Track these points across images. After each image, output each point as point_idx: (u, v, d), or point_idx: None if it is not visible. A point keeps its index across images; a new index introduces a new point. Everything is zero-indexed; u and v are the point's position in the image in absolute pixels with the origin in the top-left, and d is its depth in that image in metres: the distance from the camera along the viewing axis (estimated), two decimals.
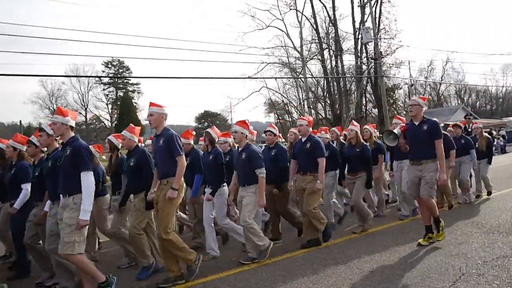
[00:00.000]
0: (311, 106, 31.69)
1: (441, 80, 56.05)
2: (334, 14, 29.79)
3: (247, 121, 5.65)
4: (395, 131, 5.66)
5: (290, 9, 30.64)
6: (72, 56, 64.19)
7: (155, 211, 4.88)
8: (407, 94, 39.10)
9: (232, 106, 49.67)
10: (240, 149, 5.59)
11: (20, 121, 32.40)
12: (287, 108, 38.61)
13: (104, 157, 7.77)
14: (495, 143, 26.36)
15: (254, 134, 7.13)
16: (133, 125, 5.71)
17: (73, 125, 4.47)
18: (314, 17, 30.10)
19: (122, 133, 5.60)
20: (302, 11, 30.51)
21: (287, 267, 5.04)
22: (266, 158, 5.92)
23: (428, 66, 52.25)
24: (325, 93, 33.55)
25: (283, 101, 37.41)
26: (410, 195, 5.92)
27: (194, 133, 6.68)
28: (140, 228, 5.09)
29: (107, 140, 6.13)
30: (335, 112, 29.90)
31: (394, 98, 29.96)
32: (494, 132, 29.33)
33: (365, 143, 6.89)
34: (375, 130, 8.17)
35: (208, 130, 6.13)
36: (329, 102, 31.65)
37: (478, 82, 67.54)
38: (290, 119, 38.05)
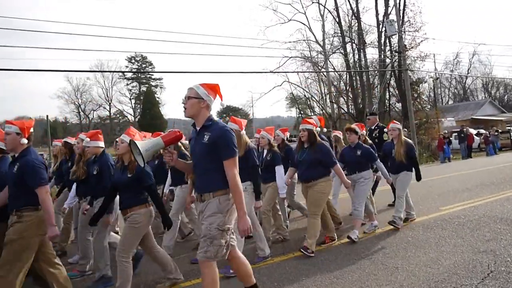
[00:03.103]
0: (334, 101, 31.39)
1: (468, 73, 54.74)
2: (357, 7, 29.31)
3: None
4: (139, 144, 3.15)
5: (313, 2, 30.30)
6: (96, 52, 65.31)
7: None
8: (432, 88, 38.35)
9: (253, 100, 49.68)
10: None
11: (47, 115, 33.12)
12: (309, 103, 38.35)
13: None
14: None
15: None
16: None
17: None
18: (337, 10, 29.70)
19: None
20: (325, 4, 30.11)
21: (310, 261, 5.02)
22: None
23: (454, 59, 51.15)
24: (347, 87, 33.07)
25: (305, 95, 37.13)
26: None
27: None
28: None
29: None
30: (358, 107, 29.50)
31: (418, 92, 29.29)
32: None
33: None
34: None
35: None
36: (351, 96, 31.25)
37: (506, 75, 65.41)
38: (312, 114, 37.82)
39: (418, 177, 6.49)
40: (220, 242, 3.15)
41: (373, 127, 8.24)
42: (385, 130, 7.74)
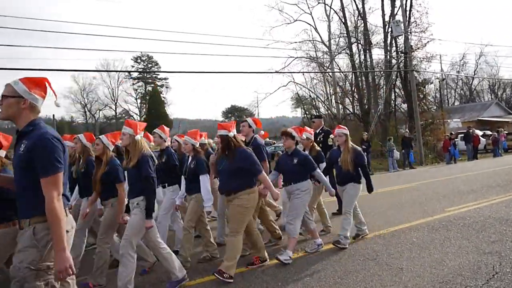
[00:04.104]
0: (339, 101, 31.37)
1: (474, 74, 54.44)
2: (363, 7, 29.25)
3: None
4: None
5: (318, 3, 30.36)
6: (102, 52, 65.76)
7: None
8: (438, 89, 38.20)
9: (259, 100, 49.84)
10: None
11: (53, 115, 33.31)
12: (314, 103, 38.32)
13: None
14: None
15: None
16: None
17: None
18: (343, 11, 29.68)
19: None
20: (331, 5, 30.19)
21: (315, 261, 5.03)
22: None
23: (460, 60, 50.88)
24: (353, 88, 33.03)
25: (310, 96, 37.15)
26: None
27: None
28: None
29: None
30: (363, 107, 29.46)
31: (424, 93, 29.16)
32: None
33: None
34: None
35: None
36: (357, 97, 31.19)
37: None
38: (317, 114, 37.77)
39: (370, 189, 5.78)
40: (34, 285, 2.39)
41: (317, 131, 7.57)
42: (331, 136, 7.03)
